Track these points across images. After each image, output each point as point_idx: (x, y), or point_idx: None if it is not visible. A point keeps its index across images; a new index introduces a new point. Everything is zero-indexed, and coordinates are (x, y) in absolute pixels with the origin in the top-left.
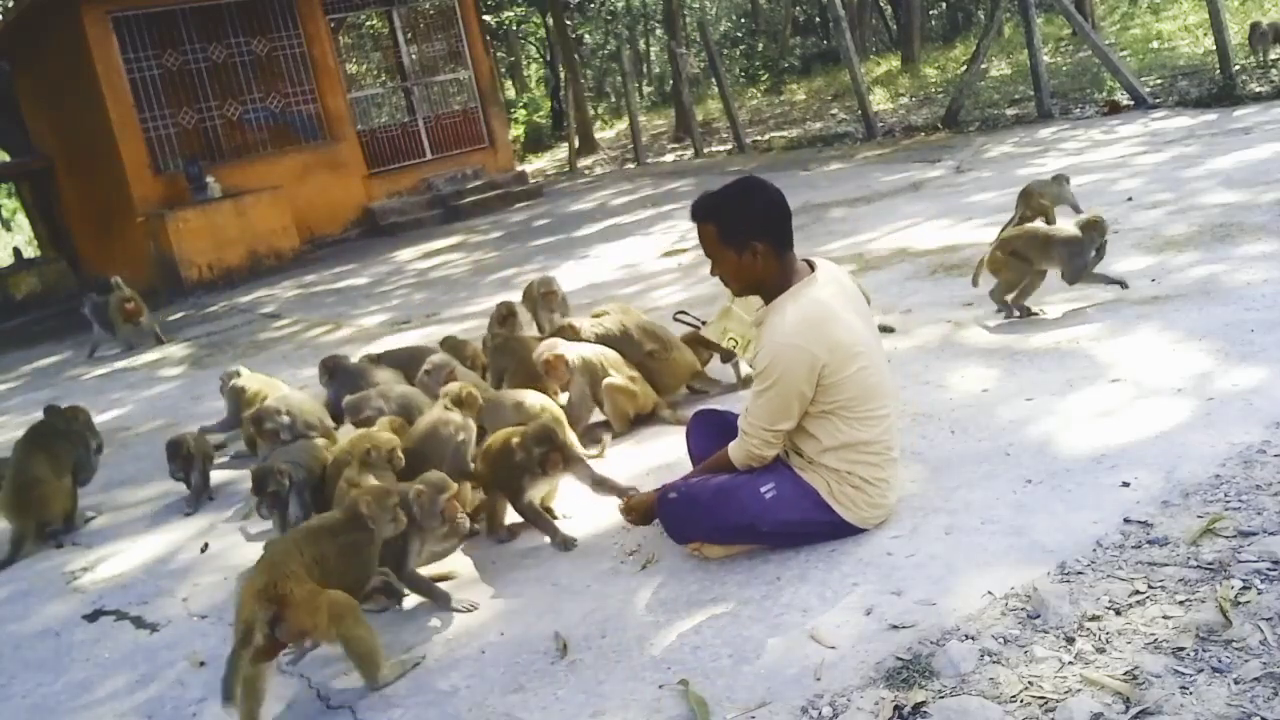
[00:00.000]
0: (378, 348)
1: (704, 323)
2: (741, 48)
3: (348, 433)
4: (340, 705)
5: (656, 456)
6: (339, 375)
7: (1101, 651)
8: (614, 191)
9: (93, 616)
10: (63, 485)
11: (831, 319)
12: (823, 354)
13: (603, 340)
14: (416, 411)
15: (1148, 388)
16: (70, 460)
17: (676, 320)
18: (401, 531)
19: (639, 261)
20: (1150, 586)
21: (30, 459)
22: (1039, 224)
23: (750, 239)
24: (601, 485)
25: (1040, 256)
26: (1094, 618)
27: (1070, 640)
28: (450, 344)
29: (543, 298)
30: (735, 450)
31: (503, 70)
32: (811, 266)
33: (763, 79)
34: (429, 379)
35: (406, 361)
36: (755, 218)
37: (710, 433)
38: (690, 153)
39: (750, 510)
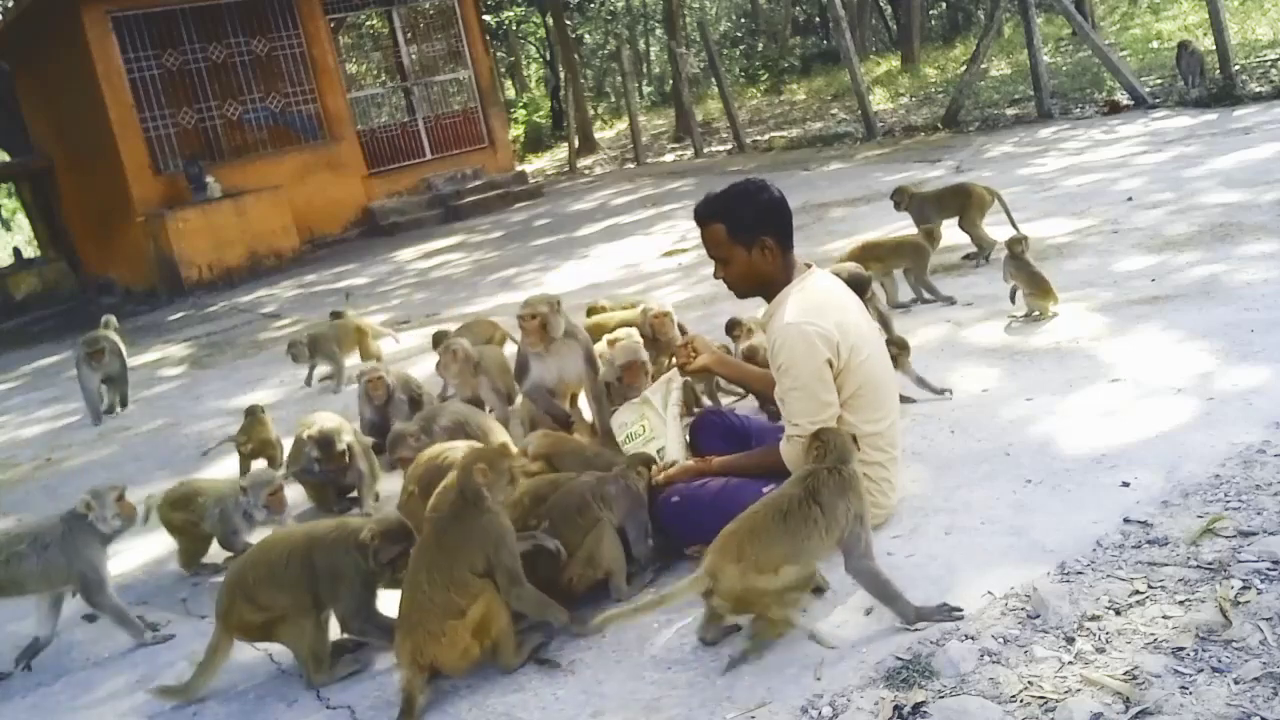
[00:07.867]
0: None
1: None
2: (741, 48)
3: None
4: (340, 705)
5: None
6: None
7: (1101, 651)
8: (614, 191)
9: (93, 616)
10: None
11: (834, 304)
12: (833, 331)
13: None
14: (472, 430)
15: (1148, 388)
16: None
17: None
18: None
19: (639, 261)
20: (1150, 586)
21: None
22: None
23: (760, 234)
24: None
25: None
26: (1094, 618)
27: (1070, 640)
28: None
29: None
30: (787, 450)
31: (503, 70)
32: (808, 267)
33: (763, 79)
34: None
35: None
36: (763, 212)
37: (715, 433)
38: (690, 153)
39: None
